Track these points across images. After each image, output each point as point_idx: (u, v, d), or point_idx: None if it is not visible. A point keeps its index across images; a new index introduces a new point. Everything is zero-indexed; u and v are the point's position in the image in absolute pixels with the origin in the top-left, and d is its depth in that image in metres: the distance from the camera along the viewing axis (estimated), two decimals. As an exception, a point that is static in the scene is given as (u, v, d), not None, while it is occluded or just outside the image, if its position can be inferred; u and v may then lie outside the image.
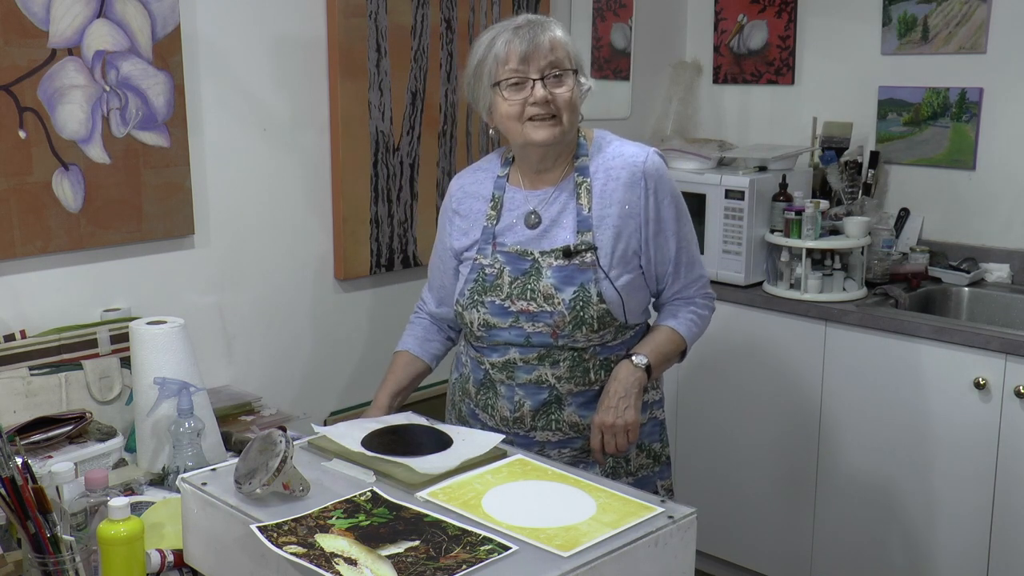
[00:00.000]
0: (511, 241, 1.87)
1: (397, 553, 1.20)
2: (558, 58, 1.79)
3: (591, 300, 1.80)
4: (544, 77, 1.78)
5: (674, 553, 1.31)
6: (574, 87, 1.81)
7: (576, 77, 1.82)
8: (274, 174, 2.50)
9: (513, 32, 1.80)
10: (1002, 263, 3.01)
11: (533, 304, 1.82)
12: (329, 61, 2.55)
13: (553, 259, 1.82)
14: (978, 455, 2.56)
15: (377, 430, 1.62)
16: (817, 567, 2.91)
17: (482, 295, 1.86)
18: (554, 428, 1.87)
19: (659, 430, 1.99)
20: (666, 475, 2.02)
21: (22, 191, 2.04)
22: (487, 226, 1.90)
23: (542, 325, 1.82)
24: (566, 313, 1.80)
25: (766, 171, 3.06)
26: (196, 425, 1.72)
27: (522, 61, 1.78)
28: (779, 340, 2.90)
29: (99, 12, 2.10)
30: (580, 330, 1.81)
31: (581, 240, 1.82)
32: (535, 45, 1.78)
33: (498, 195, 1.92)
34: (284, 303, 2.56)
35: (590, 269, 1.81)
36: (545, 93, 1.78)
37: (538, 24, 1.81)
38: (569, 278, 1.81)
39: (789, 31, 3.39)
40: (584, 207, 1.84)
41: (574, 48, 1.84)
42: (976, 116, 3.02)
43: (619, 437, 1.82)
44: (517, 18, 1.84)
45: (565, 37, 1.83)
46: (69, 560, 1.33)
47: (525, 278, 1.84)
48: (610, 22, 3.36)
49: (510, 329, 1.84)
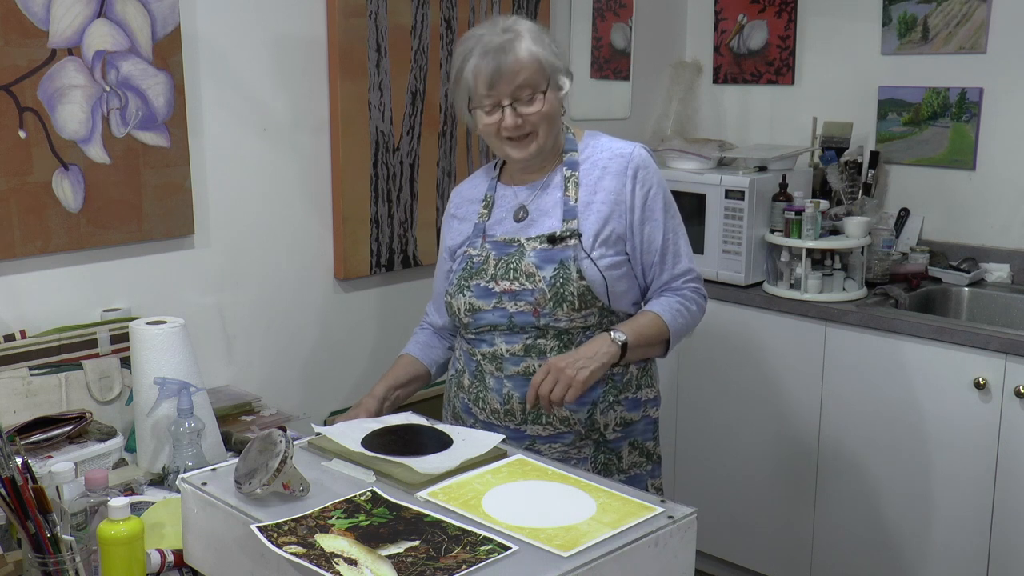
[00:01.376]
0: (500, 232, 1.92)
1: (397, 553, 1.20)
2: (527, 79, 1.79)
3: (571, 277, 1.82)
4: (514, 101, 1.80)
5: (674, 553, 1.31)
6: (549, 99, 1.82)
7: (551, 86, 1.82)
8: (274, 174, 2.50)
9: (481, 56, 1.79)
10: (1002, 263, 3.01)
11: (516, 283, 1.85)
12: (329, 61, 2.55)
13: (538, 243, 1.86)
14: (978, 455, 2.56)
15: (377, 430, 1.62)
16: (817, 567, 2.91)
17: (468, 280, 1.91)
18: (544, 422, 1.88)
19: (652, 428, 2.00)
20: (657, 474, 2.03)
21: (22, 191, 2.04)
22: (478, 223, 1.96)
23: (524, 304, 1.84)
24: (546, 290, 1.82)
25: (766, 171, 3.06)
26: (196, 425, 1.72)
27: (490, 87, 1.80)
28: (779, 340, 2.90)
29: (99, 12, 2.10)
30: (561, 307, 1.83)
31: (566, 227, 1.85)
32: (500, 72, 1.78)
33: (490, 195, 1.98)
34: (284, 303, 2.56)
35: (571, 249, 1.84)
36: (515, 119, 1.81)
37: (506, 45, 1.79)
38: (550, 257, 1.84)
39: (789, 31, 3.40)
40: (571, 198, 1.87)
41: (548, 54, 1.82)
42: (976, 116, 3.02)
43: (559, 386, 1.75)
44: (491, 32, 1.82)
45: (535, 49, 1.80)
46: (69, 560, 1.33)
47: (508, 258, 1.87)
48: (610, 22, 3.36)
49: (493, 311, 1.87)
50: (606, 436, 1.91)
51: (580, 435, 1.89)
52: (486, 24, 1.86)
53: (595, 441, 1.91)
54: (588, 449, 1.89)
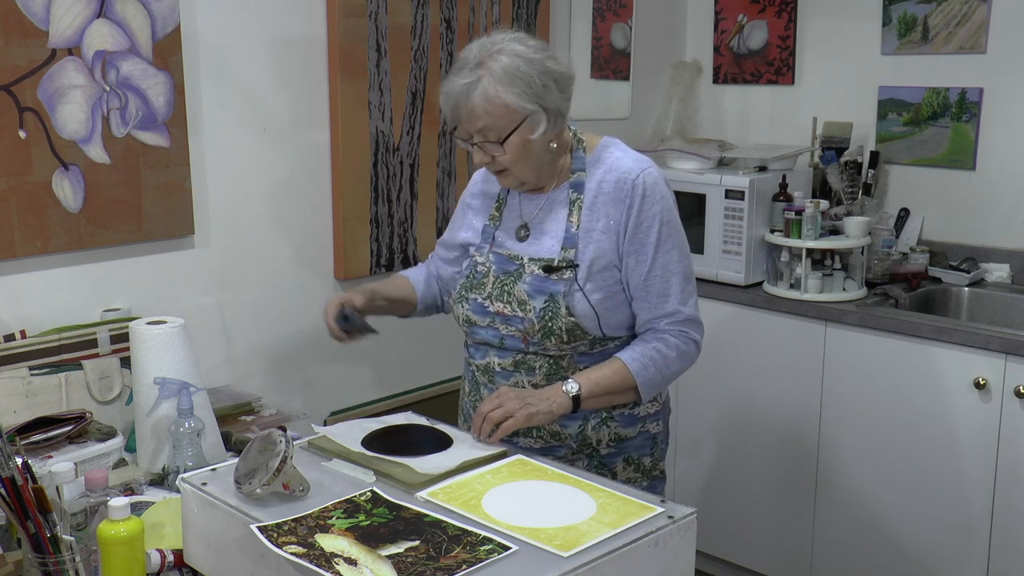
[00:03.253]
0: (506, 245, 1.87)
1: (397, 553, 1.20)
2: (488, 125, 1.68)
3: (559, 312, 1.76)
4: (482, 140, 1.71)
5: (674, 553, 1.31)
6: (513, 144, 1.70)
7: (521, 130, 1.69)
8: (274, 174, 2.50)
9: (448, 85, 1.70)
10: (1002, 263, 3.01)
11: (508, 308, 1.80)
12: (329, 61, 2.55)
13: (536, 267, 1.79)
14: (978, 455, 2.56)
15: (377, 430, 1.62)
16: (817, 567, 2.91)
17: (468, 291, 1.87)
18: (535, 435, 1.84)
19: (650, 444, 1.92)
20: (659, 490, 1.94)
21: (22, 191, 2.04)
22: (488, 225, 1.91)
23: (514, 329, 1.80)
24: (535, 321, 1.77)
25: (766, 171, 3.06)
26: (196, 425, 1.72)
27: (452, 121, 1.73)
28: (779, 340, 2.90)
29: (99, 12, 2.10)
30: (549, 339, 1.78)
31: (563, 257, 1.78)
32: (458, 115, 1.70)
33: (503, 196, 1.91)
34: (284, 303, 2.56)
35: (563, 283, 1.76)
36: (483, 156, 1.73)
37: (468, 88, 1.67)
38: (542, 288, 1.78)
39: (789, 31, 3.40)
40: (573, 224, 1.79)
41: (519, 96, 1.67)
42: (976, 116, 3.02)
43: (499, 411, 1.65)
44: (465, 62, 1.70)
45: (499, 93, 1.66)
46: (69, 560, 1.33)
47: (506, 278, 1.82)
48: (610, 22, 3.36)
49: (487, 328, 1.84)
50: (599, 451, 1.86)
51: (572, 449, 1.85)
52: (475, 45, 1.72)
53: (588, 455, 1.86)
54: (581, 463, 1.85)
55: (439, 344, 2.87)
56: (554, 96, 1.72)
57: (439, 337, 2.85)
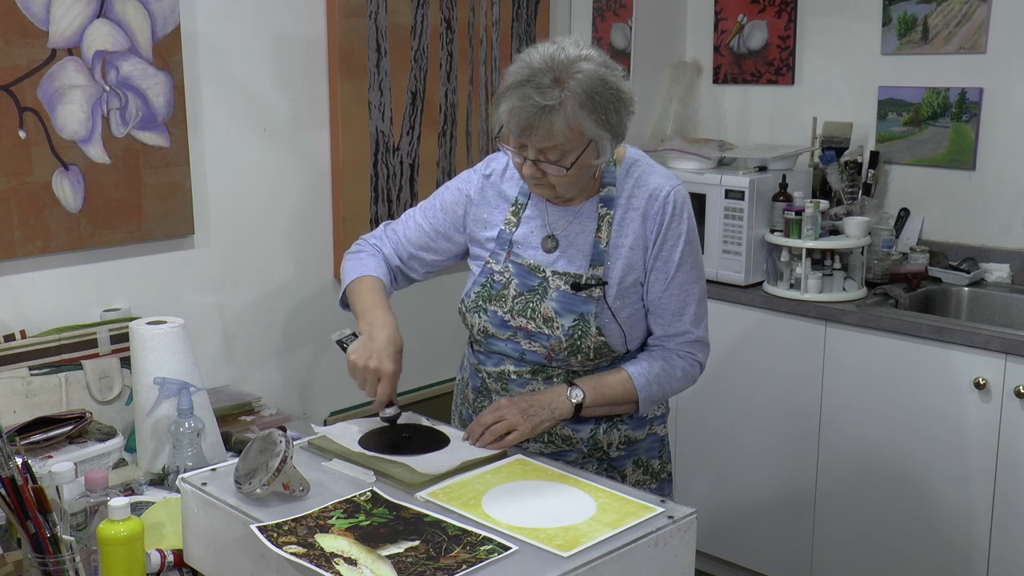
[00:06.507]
0: (527, 255, 1.81)
1: (397, 553, 1.20)
2: (555, 145, 1.61)
3: (589, 332, 1.75)
4: (540, 158, 1.64)
5: (674, 553, 1.31)
6: (578, 165, 1.64)
7: (587, 153, 1.64)
8: (274, 174, 2.50)
9: (520, 98, 1.59)
10: (1002, 263, 3.01)
11: (532, 324, 1.77)
12: (329, 61, 2.55)
13: (562, 283, 1.76)
14: (978, 455, 2.56)
15: (377, 429, 1.62)
16: (817, 567, 2.91)
17: (487, 302, 1.82)
18: (546, 440, 1.84)
19: (658, 446, 1.93)
20: (666, 492, 1.94)
21: (22, 191, 2.04)
22: (504, 230, 1.84)
23: (538, 346, 1.78)
24: (563, 339, 1.76)
25: (766, 171, 3.06)
26: (196, 425, 1.72)
27: (518, 136, 1.64)
28: (779, 340, 2.90)
29: (99, 12, 2.10)
30: (575, 357, 1.77)
31: (592, 274, 1.75)
32: (530, 131, 1.60)
33: (521, 201, 1.84)
34: (284, 303, 2.56)
35: (593, 302, 1.75)
36: (534, 171, 1.66)
37: (548, 109, 1.58)
38: (571, 306, 1.75)
39: (789, 31, 3.39)
40: (602, 240, 1.76)
41: (595, 120, 1.61)
42: (976, 116, 3.02)
43: (502, 425, 1.64)
44: (542, 76, 1.59)
45: (579, 118, 1.59)
46: (69, 560, 1.33)
47: (530, 295, 1.78)
48: (610, 22, 3.36)
49: (507, 341, 1.82)
50: (609, 454, 1.87)
51: (583, 453, 1.85)
52: (542, 55, 1.61)
53: (598, 459, 1.87)
54: (591, 467, 1.85)
55: (438, 344, 2.87)
56: (622, 120, 1.67)
57: (439, 337, 2.85)
